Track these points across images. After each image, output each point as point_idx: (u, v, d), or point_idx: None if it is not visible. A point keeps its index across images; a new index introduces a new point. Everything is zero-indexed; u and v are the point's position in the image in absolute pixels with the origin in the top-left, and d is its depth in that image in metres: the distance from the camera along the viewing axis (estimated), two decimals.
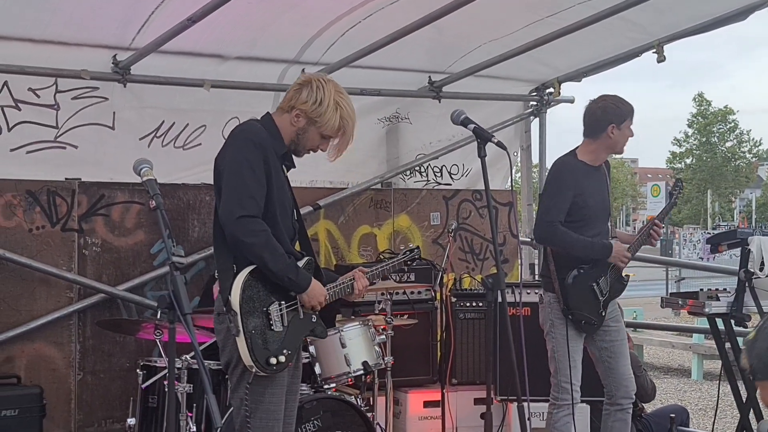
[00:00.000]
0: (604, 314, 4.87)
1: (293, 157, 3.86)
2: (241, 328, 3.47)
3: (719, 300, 5.23)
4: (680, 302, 5.52)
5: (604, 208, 4.97)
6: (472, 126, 3.91)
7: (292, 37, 5.70)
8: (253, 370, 3.52)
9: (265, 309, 3.58)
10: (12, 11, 4.90)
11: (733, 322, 5.28)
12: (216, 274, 3.69)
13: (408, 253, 4.32)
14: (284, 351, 3.58)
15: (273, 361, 3.54)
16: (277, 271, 3.56)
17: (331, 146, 3.85)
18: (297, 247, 3.85)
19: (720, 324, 5.42)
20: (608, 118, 4.83)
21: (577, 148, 5.00)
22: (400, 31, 5.42)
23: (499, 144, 3.84)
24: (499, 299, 3.92)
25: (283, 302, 3.64)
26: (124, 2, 4.95)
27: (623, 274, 5.01)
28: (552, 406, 4.87)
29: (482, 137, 3.86)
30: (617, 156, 5.60)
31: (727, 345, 5.44)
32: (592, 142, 4.91)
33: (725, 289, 5.37)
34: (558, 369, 4.82)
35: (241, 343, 3.49)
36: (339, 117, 3.73)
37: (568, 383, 4.79)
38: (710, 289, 5.42)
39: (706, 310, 5.23)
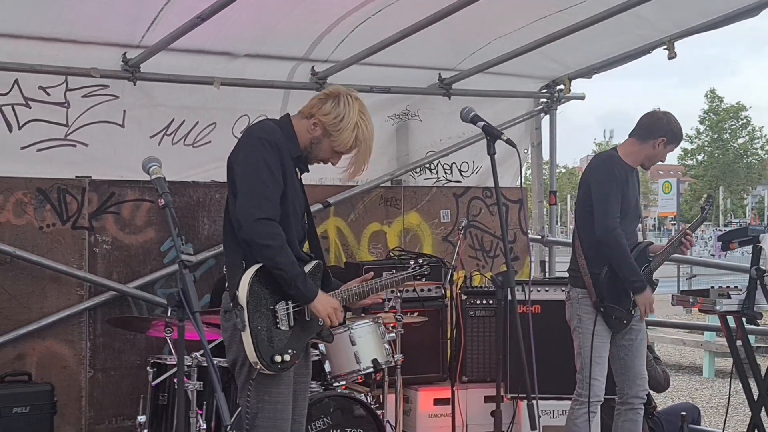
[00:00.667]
0: (633, 312, 4.87)
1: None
2: (247, 323, 3.46)
3: (730, 298, 5.20)
4: (691, 300, 5.48)
5: (636, 208, 4.97)
6: (481, 123, 3.89)
7: (301, 34, 5.70)
8: (258, 367, 3.51)
9: (272, 307, 3.57)
10: (22, 9, 4.92)
11: (744, 320, 5.26)
12: (224, 270, 3.69)
13: (417, 268, 4.24)
14: (289, 350, 3.57)
15: (278, 359, 3.52)
16: (288, 278, 3.54)
17: (347, 163, 3.82)
18: (306, 248, 3.84)
19: (731, 322, 5.40)
20: (665, 131, 4.88)
21: (616, 147, 5.03)
22: (410, 27, 5.41)
23: (509, 141, 3.82)
24: (509, 297, 3.90)
25: (290, 302, 3.62)
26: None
27: (653, 277, 4.99)
28: (575, 402, 4.86)
29: (492, 135, 3.84)
30: None
31: (739, 343, 5.41)
32: (637, 144, 4.93)
33: (736, 287, 5.33)
34: (584, 365, 4.80)
35: (247, 338, 3.48)
36: (354, 137, 3.72)
37: (593, 379, 4.77)
38: (721, 287, 5.39)
39: (717, 308, 5.20)
